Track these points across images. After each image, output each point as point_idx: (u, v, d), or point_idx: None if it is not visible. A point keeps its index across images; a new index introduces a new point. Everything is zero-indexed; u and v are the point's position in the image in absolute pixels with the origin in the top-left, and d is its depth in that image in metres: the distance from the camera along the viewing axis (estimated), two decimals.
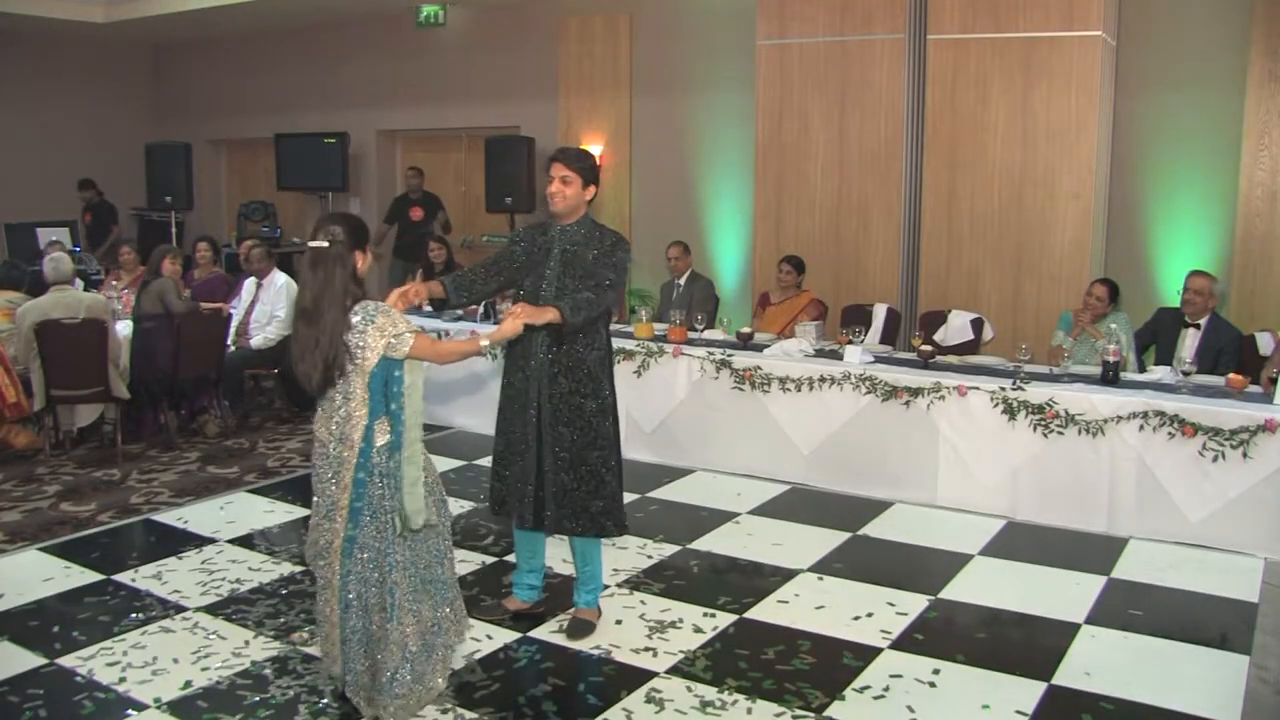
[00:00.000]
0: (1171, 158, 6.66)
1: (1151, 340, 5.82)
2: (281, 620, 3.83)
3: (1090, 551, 4.62)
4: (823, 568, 4.43)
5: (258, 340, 6.79)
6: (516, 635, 3.74)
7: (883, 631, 3.81)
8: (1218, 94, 6.46)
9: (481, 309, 6.73)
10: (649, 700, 3.30)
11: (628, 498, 5.22)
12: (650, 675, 3.47)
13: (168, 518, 4.99)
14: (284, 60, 10.96)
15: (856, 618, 3.92)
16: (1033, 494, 4.98)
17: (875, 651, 3.65)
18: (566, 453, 3.58)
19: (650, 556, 4.54)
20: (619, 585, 4.20)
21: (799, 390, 5.45)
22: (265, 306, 6.88)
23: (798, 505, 5.25)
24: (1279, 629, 3.89)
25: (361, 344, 2.93)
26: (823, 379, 5.39)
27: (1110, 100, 6.66)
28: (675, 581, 4.27)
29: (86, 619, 3.83)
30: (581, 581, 3.81)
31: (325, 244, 2.98)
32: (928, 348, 5.53)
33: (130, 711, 3.19)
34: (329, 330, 2.93)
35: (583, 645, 3.66)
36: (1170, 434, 4.63)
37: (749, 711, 3.25)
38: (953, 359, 5.65)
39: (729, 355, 5.70)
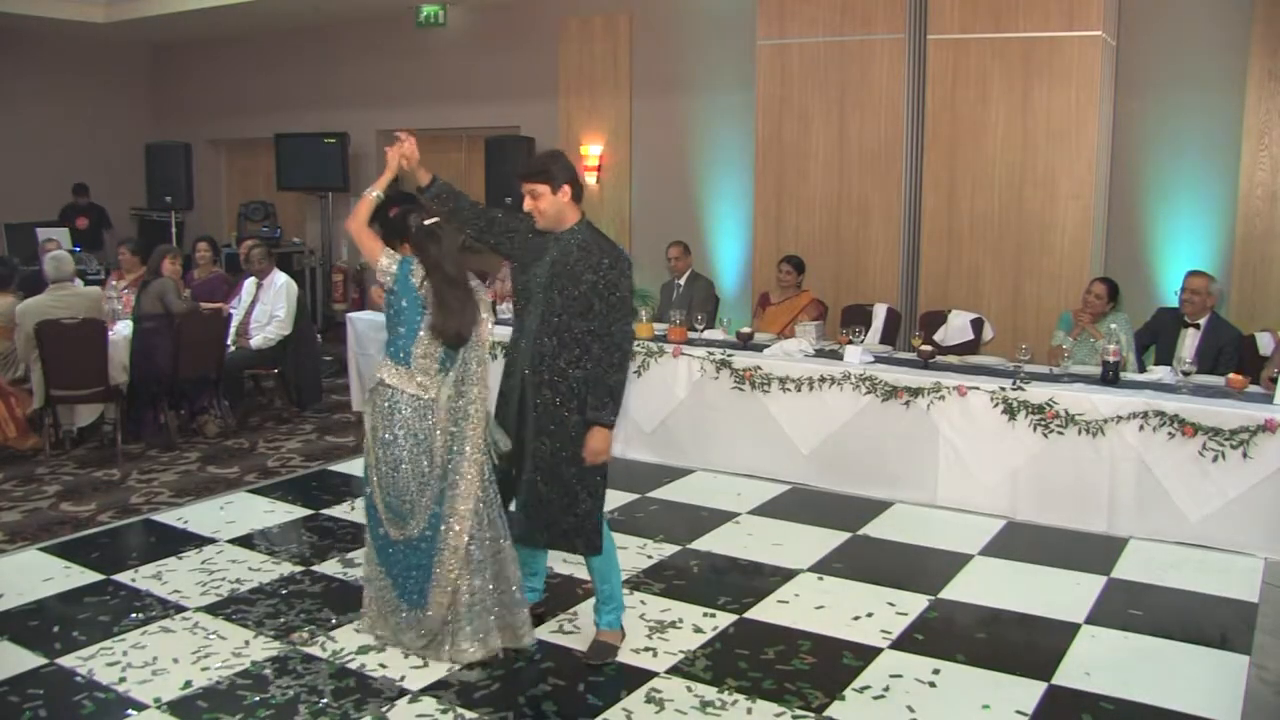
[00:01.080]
0: (1171, 157, 6.66)
1: (1152, 340, 5.82)
2: (281, 620, 3.83)
3: (1090, 551, 4.62)
4: (823, 568, 4.43)
5: (258, 340, 6.79)
6: None
7: (883, 631, 3.81)
8: (1218, 94, 6.46)
9: None
10: (649, 700, 3.30)
11: (628, 498, 5.26)
12: (650, 675, 3.47)
13: (168, 518, 4.99)
14: (284, 60, 10.96)
15: (856, 618, 3.92)
16: (1033, 494, 4.98)
17: (875, 651, 3.65)
18: (545, 464, 3.46)
19: (650, 556, 4.53)
20: None
21: (799, 390, 5.45)
22: (265, 306, 6.88)
23: (798, 505, 5.25)
24: (1279, 629, 3.89)
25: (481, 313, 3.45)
26: (823, 379, 5.39)
27: (1110, 100, 6.66)
28: (675, 581, 4.27)
29: (86, 619, 3.83)
30: (600, 601, 3.63)
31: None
32: (928, 348, 5.53)
33: (130, 711, 3.19)
34: (470, 295, 3.42)
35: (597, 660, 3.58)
36: (1170, 434, 4.63)
37: (749, 711, 3.25)
38: (953, 359, 5.65)
39: (729, 355, 5.70)
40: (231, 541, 4.67)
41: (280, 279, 6.93)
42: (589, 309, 3.38)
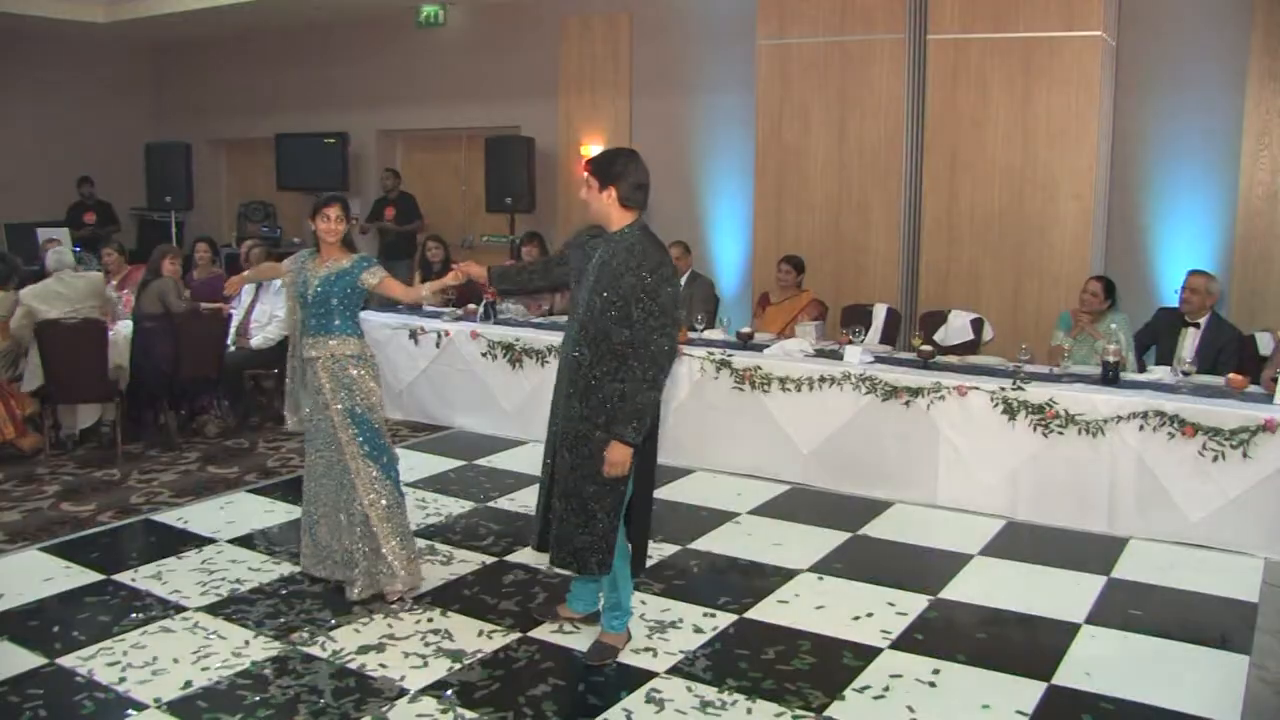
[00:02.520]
0: (1171, 157, 6.66)
1: (1152, 340, 5.82)
2: (281, 620, 3.83)
3: (1090, 551, 4.62)
4: (823, 568, 4.43)
5: (258, 340, 6.79)
6: (516, 635, 3.74)
7: (883, 631, 3.81)
8: (1218, 94, 6.46)
9: (481, 309, 6.73)
10: (649, 700, 3.30)
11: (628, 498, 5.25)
12: (650, 675, 3.47)
13: (168, 518, 4.99)
14: (284, 60, 10.96)
15: (856, 618, 3.92)
16: (1033, 494, 4.98)
17: (875, 651, 3.65)
18: (562, 479, 3.44)
19: (650, 556, 4.49)
20: None
21: (799, 390, 5.45)
22: (265, 306, 6.87)
23: (798, 505, 5.25)
24: (1279, 629, 3.89)
25: None
26: (823, 379, 5.39)
27: (1110, 100, 6.66)
28: (675, 581, 4.27)
29: (86, 619, 3.83)
30: (607, 607, 3.62)
31: None
32: (928, 348, 5.53)
33: (130, 711, 3.19)
34: None
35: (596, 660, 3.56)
36: (1170, 434, 4.63)
37: (749, 711, 3.25)
38: (953, 359, 5.65)
39: (729, 355, 5.70)
40: (231, 541, 4.67)
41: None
42: (627, 316, 3.27)
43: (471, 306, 6.87)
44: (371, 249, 9.96)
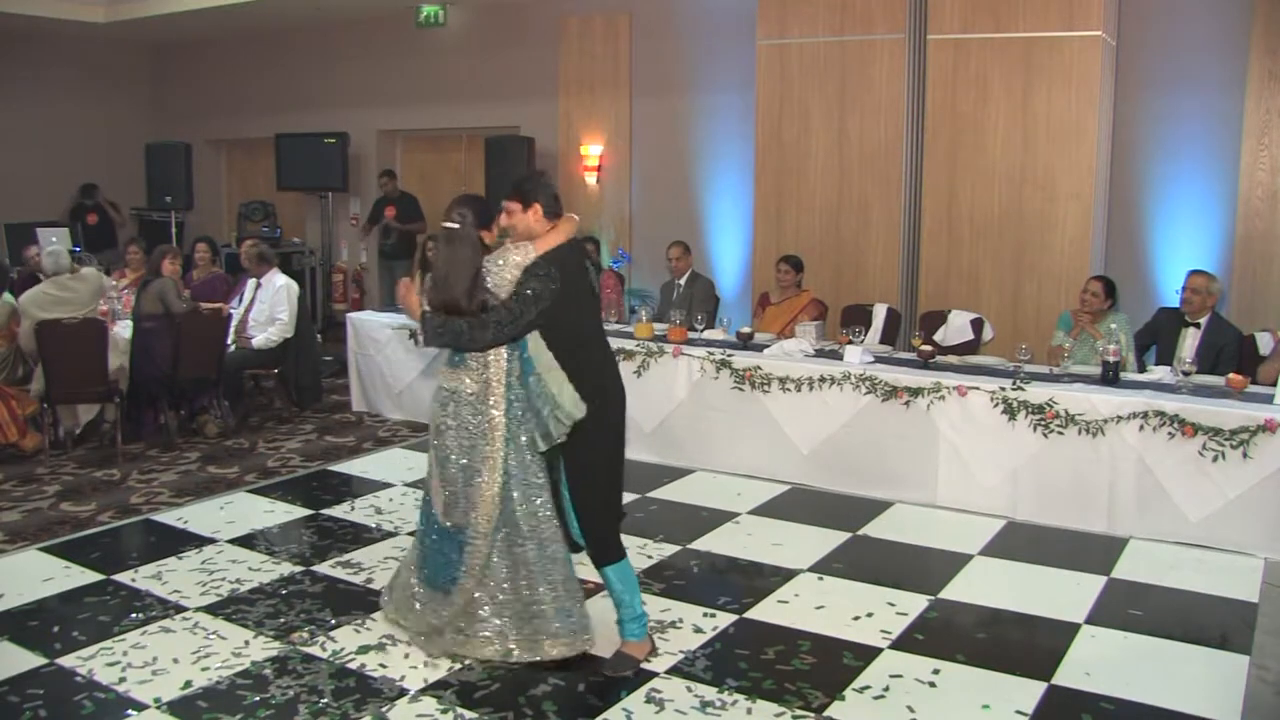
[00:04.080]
0: (1171, 158, 6.66)
1: (1152, 340, 5.82)
2: (281, 620, 3.83)
3: (1090, 551, 4.62)
4: (823, 568, 4.43)
5: (259, 340, 6.78)
6: None
7: (883, 631, 3.81)
8: (1218, 94, 6.46)
9: None
10: (649, 700, 3.30)
11: (628, 498, 5.19)
12: (650, 675, 3.47)
13: (168, 518, 4.99)
14: (284, 60, 10.96)
15: (856, 618, 3.92)
16: (1033, 494, 4.98)
17: (875, 651, 3.65)
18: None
19: (650, 556, 4.53)
20: None
21: (799, 390, 5.45)
22: (263, 306, 6.87)
23: (798, 505, 5.25)
24: (1279, 629, 3.89)
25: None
26: (823, 379, 5.39)
27: (1110, 100, 6.66)
28: (675, 581, 4.27)
29: (86, 619, 3.83)
30: (626, 618, 3.55)
31: (456, 224, 3.42)
32: (928, 348, 5.53)
33: (130, 711, 3.19)
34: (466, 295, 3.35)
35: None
36: (1170, 434, 4.63)
37: (749, 711, 3.25)
38: (953, 359, 5.65)
39: (729, 355, 5.70)
40: (231, 541, 4.67)
41: (280, 279, 6.92)
42: (548, 321, 3.39)
43: None
44: (372, 250, 10.02)
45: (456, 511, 3.49)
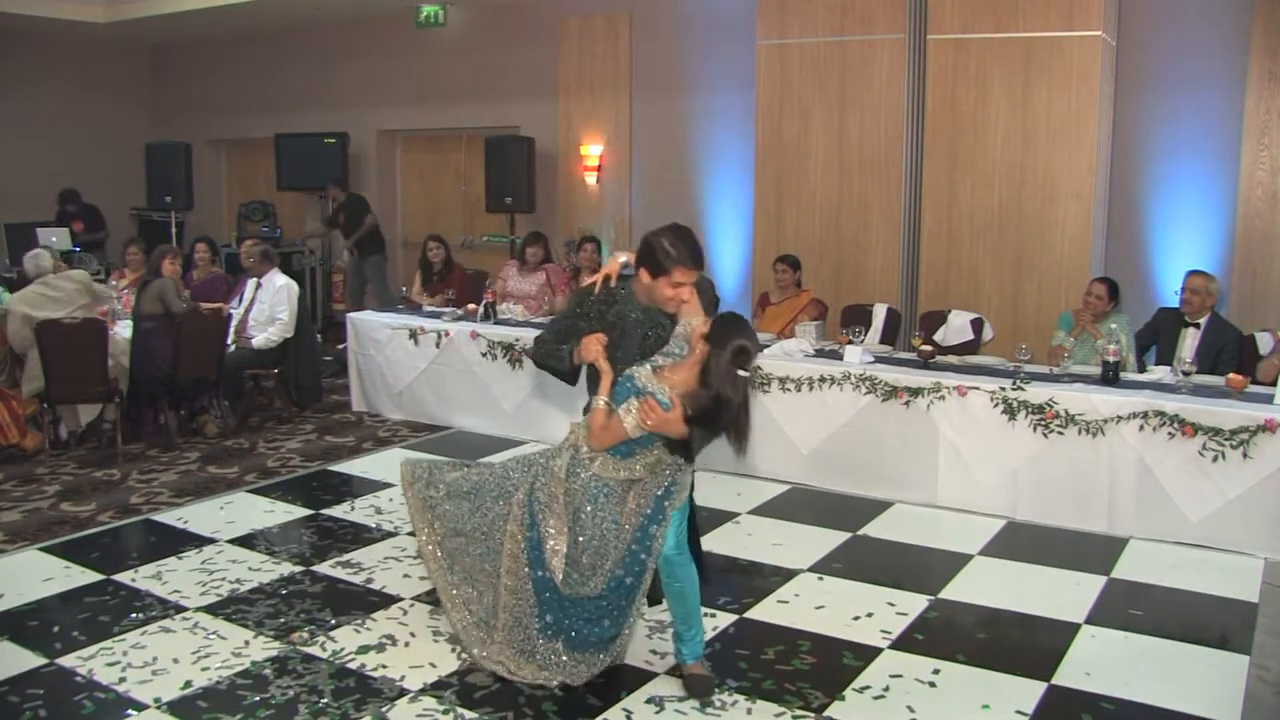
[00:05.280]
0: (1171, 158, 6.66)
1: (1152, 340, 5.82)
2: (281, 620, 3.83)
3: (1090, 551, 4.62)
4: (823, 568, 4.43)
5: (259, 340, 6.78)
6: None
7: (883, 631, 3.81)
8: (1218, 94, 6.45)
9: (481, 309, 6.74)
10: (649, 700, 3.30)
11: None
12: (650, 675, 3.47)
13: (168, 518, 4.99)
14: (284, 60, 10.95)
15: (856, 618, 3.92)
16: (1033, 494, 4.98)
17: (875, 651, 3.65)
18: None
19: None
20: None
21: (799, 390, 5.45)
22: (263, 306, 6.86)
23: (798, 505, 5.25)
24: (1279, 629, 3.89)
25: None
26: (823, 379, 5.39)
27: (1110, 100, 6.66)
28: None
29: (86, 619, 3.83)
30: (693, 638, 3.46)
31: (748, 375, 3.14)
32: (928, 348, 5.53)
33: (130, 711, 3.19)
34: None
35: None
36: (1170, 434, 4.63)
37: (749, 712, 3.25)
38: (953, 359, 5.65)
39: None
40: (231, 541, 4.67)
41: (280, 280, 6.91)
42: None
43: (471, 306, 6.88)
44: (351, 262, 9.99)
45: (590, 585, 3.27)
